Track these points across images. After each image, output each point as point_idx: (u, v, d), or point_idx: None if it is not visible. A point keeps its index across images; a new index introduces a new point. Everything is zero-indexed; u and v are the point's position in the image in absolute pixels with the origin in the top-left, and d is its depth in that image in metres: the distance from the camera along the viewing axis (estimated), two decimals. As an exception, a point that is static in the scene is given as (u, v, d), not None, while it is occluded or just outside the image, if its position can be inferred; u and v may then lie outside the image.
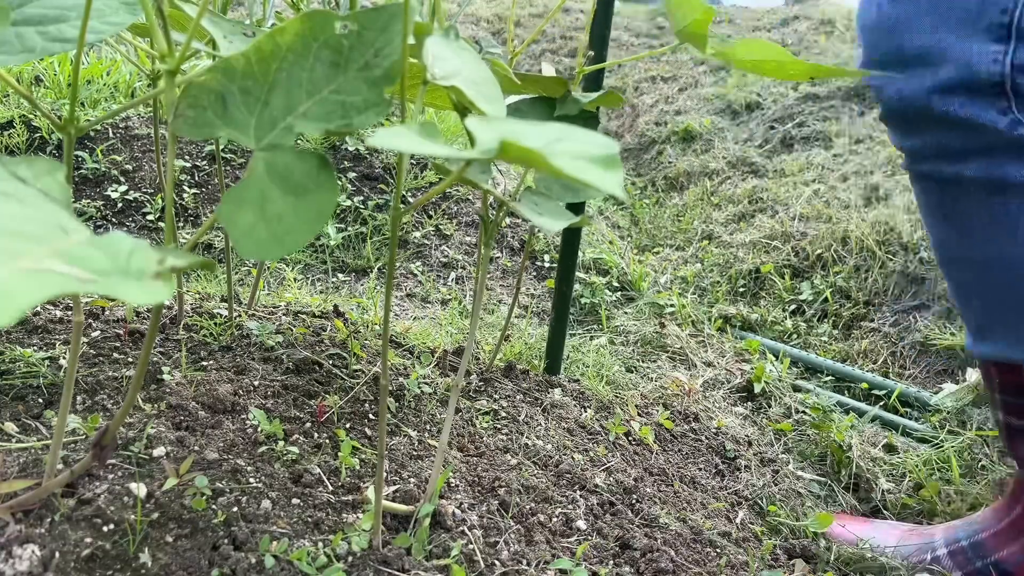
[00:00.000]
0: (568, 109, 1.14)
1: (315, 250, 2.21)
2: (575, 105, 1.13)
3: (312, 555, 0.85)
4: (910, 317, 2.23)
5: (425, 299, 2.09)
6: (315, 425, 1.12)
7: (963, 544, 1.23)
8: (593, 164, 0.52)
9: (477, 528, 0.98)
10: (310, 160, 0.63)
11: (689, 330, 2.17)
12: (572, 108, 1.13)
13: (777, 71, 1.00)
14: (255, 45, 0.67)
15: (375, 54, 0.66)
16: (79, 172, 2.13)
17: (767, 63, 0.99)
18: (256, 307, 1.53)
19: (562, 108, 1.14)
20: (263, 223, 0.60)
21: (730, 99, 4.24)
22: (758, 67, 1.00)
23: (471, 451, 1.19)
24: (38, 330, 1.21)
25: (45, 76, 2.37)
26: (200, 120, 0.67)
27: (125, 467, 0.90)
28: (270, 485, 0.95)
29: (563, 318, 1.55)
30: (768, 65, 0.99)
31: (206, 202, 2.20)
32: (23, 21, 0.73)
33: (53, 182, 0.56)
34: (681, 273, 2.71)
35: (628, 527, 1.10)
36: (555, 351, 1.58)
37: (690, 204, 3.41)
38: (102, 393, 1.05)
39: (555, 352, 1.58)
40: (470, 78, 0.76)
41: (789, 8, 5.66)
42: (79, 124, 0.72)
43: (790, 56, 0.96)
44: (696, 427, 1.59)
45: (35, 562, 0.74)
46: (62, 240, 0.46)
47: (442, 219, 2.43)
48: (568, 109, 1.14)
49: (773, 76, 1.02)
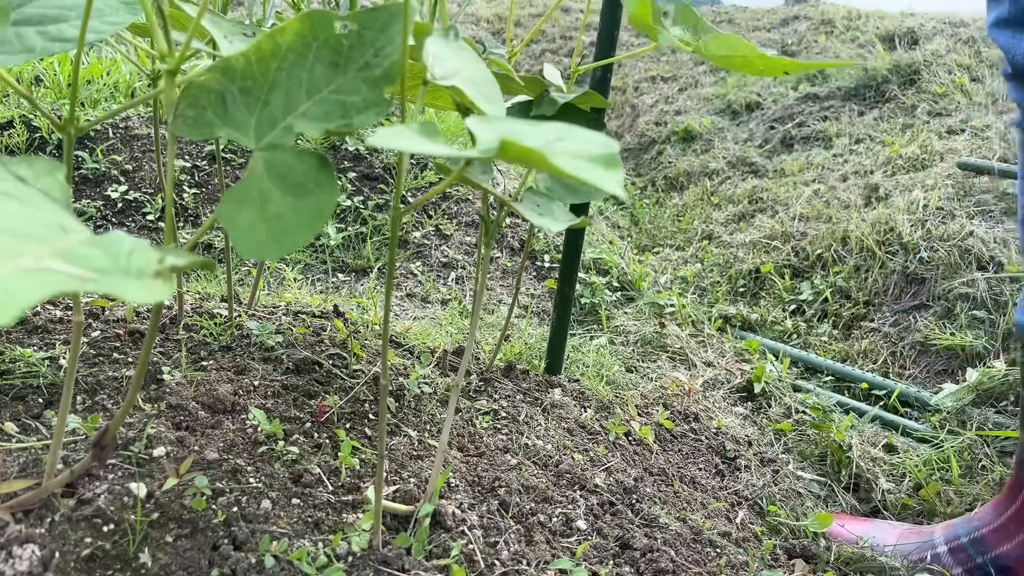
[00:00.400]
0: (544, 110, 1.13)
1: (315, 250, 2.21)
2: (551, 106, 1.13)
3: (312, 555, 0.85)
4: (910, 317, 2.23)
5: (425, 299, 2.09)
6: (315, 425, 1.12)
7: (963, 541, 1.23)
8: (593, 163, 0.52)
9: (477, 528, 0.98)
10: (310, 160, 0.63)
11: (689, 330, 2.17)
12: (548, 109, 1.13)
13: (744, 66, 1.01)
14: (255, 45, 0.67)
15: (375, 54, 0.66)
16: (79, 172, 2.13)
17: (735, 58, 1.00)
18: (256, 307, 1.53)
19: (538, 109, 1.14)
20: (263, 223, 0.60)
21: (730, 99, 4.24)
22: (728, 62, 1.02)
23: (471, 451, 1.19)
24: (38, 330, 1.21)
25: (45, 76, 2.37)
26: (200, 120, 0.67)
27: (125, 467, 0.90)
28: (270, 485, 0.95)
29: (564, 318, 1.55)
30: (736, 60, 1.00)
31: (206, 202, 2.20)
32: (23, 21, 0.73)
33: (53, 182, 0.56)
34: (681, 273, 2.71)
35: (628, 527, 1.10)
36: (556, 351, 1.58)
37: (690, 204, 3.40)
38: (102, 393, 1.05)
39: (556, 352, 1.58)
40: (470, 78, 0.76)
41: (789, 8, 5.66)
42: (79, 124, 0.72)
43: (758, 52, 0.97)
44: (696, 427, 1.59)
45: (35, 562, 0.74)
46: (62, 239, 0.46)
47: (442, 219, 2.43)
48: (544, 110, 1.13)
49: (743, 71, 1.03)
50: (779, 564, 1.20)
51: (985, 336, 2.03)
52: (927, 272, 2.31)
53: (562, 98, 1.14)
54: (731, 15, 5.84)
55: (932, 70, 3.70)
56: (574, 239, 1.49)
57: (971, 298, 2.14)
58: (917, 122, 3.36)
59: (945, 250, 2.31)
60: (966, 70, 3.65)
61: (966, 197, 2.57)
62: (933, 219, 2.47)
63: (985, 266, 2.22)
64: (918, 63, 3.76)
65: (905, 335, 2.18)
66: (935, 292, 2.24)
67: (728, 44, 0.99)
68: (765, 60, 0.98)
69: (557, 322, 1.56)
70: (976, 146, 2.91)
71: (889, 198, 2.76)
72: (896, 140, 3.23)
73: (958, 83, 3.54)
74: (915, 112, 3.44)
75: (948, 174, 2.74)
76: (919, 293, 2.29)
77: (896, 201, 2.67)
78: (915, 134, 3.26)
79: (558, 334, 1.57)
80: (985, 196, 2.54)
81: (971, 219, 2.42)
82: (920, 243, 2.39)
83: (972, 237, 2.31)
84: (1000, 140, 2.90)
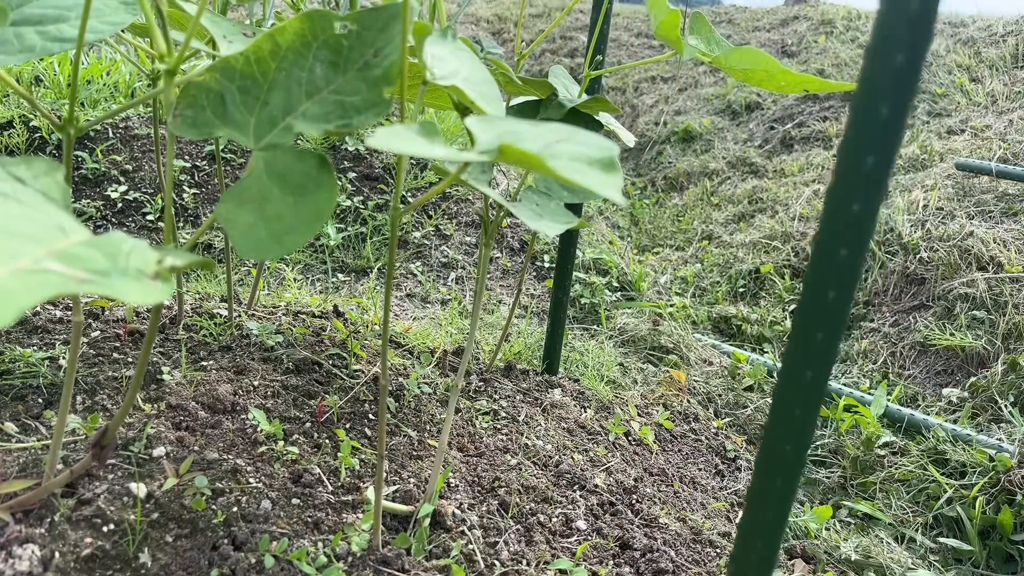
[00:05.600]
0: (551, 113, 1.13)
1: (315, 250, 2.21)
2: (559, 110, 1.13)
3: (312, 555, 0.85)
4: (910, 317, 2.23)
5: (425, 299, 2.09)
6: (315, 425, 1.12)
7: None
8: (591, 167, 0.52)
9: (477, 528, 0.98)
10: (309, 160, 0.63)
11: (688, 330, 2.17)
12: (555, 112, 1.13)
13: (765, 81, 1.00)
14: (254, 45, 0.67)
15: (374, 54, 0.66)
16: (79, 172, 2.13)
17: (756, 72, 0.99)
18: (256, 307, 1.53)
19: (545, 112, 1.14)
20: (262, 223, 0.60)
21: (730, 99, 4.24)
22: (748, 76, 1.01)
23: (471, 451, 1.19)
24: (38, 330, 1.21)
25: (45, 76, 2.37)
26: (199, 120, 0.67)
27: (125, 467, 0.90)
28: (270, 485, 0.95)
29: (560, 322, 1.56)
30: (757, 74, 0.99)
31: (206, 202, 2.20)
32: (22, 21, 0.73)
33: (52, 182, 0.56)
34: (681, 273, 2.71)
35: (628, 527, 1.10)
36: (552, 354, 1.59)
37: (690, 204, 3.41)
38: (102, 393, 1.05)
39: (552, 355, 1.59)
40: (469, 78, 0.76)
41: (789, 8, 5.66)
42: (79, 124, 0.72)
43: (780, 67, 0.96)
44: (696, 427, 1.59)
45: (35, 562, 0.74)
46: (61, 240, 0.46)
47: (442, 219, 2.43)
48: (551, 113, 1.13)
49: (762, 87, 1.02)
50: (779, 564, 1.20)
51: (985, 336, 2.03)
52: (927, 272, 2.31)
53: (570, 102, 1.14)
54: (731, 15, 5.84)
55: (932, 70, 3.70)
56: (568, 243, 1.49)
57: (971, 298, 2.14)
58: (917, 122, 3.36)
59: (945, 250, 2.31)
60: (966, 70, 3.65)
61: (966, 197, 2.57)
62: (933, 219, 2.47)
63: (985, 266, 2.22)
64: (918, 63, 3.76)
65: (905, 335, 2.19)
66: (935, 292, 2.24)
67: (750, 57, 0.97)
68: (787, 76, 0.97)
69: (552, 326, 1.56)
70: (976, 146, 2.91)
71: (889, 198, 2.76)
72: (896, 140, 3.23)
73: (958, 83, 3.54)
74: (915, 112, 3.44)
75: (948, 174, 2.74)
76: (919, 293, 2.30)
77: (896, 201, 2.67)
78: (915, 134, 3.26)
79: (554, 338, 1.58)
80: (985, 196, 2.54)
81: (971, 219, 2.42)
82: (920, 243, 2.39)
83: (972, 237, 2.31)
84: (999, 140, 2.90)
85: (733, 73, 1.01)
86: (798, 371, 0.55)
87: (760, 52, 0.97)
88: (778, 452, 0.57)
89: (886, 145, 0.49)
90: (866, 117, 0.49)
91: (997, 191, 2.55)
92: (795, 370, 0.55)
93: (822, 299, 0.53)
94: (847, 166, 0.51)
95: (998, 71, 3.53)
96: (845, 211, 0.51)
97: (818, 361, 0.54)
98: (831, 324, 0.53)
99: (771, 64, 0.97)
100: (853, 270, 0.52)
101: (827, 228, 0.52)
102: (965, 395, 1.90)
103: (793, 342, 0.55)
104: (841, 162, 0.51)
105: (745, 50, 0.98)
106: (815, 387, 0.55)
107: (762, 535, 0.60)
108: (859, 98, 0.50)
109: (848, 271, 0.52)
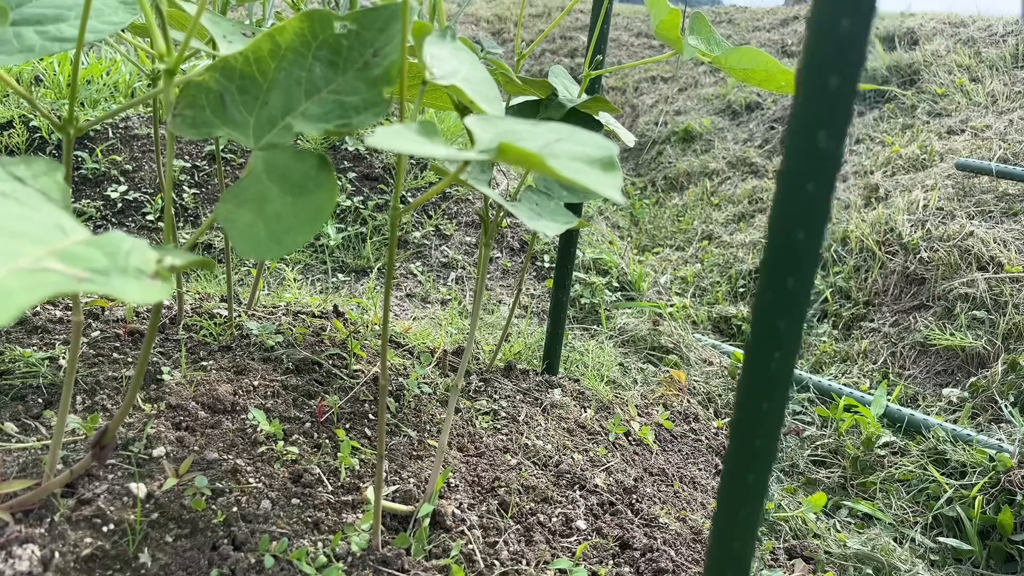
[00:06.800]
0: (551, 113, 1.13)
1: (315, 250, 2.21)
2: (559, 110, 1.13)
3: (312, 555, 0.85)
4: (910, 317, 2.23)
5: (425, 299, 2.09)
6: (315, 425, 1.12)
7: None
8: (591, 166, 0.52)
9: (477, 528, 0.98)
10: (309, 160, 0.63)
11: (688, 330, 2.17)
12: (555, 112, 1.13)
13: (765, 81, 1.00)
14: (254, 44, 0.67)
15: (374, 54, 0.66)
16: (79, 172, 2.13)
17: (756, 72, 0.99)
18: (256, 307, 1.53)
19: (545, 112, 1.14)
20: (262, 222, 0.60)
21: (730, 99, 4.24)
22: (748, 76, 1.00)
23: (471, 451, 1.19)
24: (38, 330, 1.21)
25: (45, 76, 2.37)
26: (199, 119, 0.67)
27: (125, 467, 0.90)
28: (270, 485, 0.95)
29: (560, 322, 1.56)
30: (757, 74, 0.99)
31: (206, 202, 2.20)
32: (22, 21, 0.73)
33: (52, 182, 0.56)
34: (681, 273, 2.71)
35: (628, 527, 1.10)
36: (552, 354, 1.59)
37: (690, 204, 3.41)
38: (102, 393, 1.05)
39: (552, 355, 1.59)
40: (468, 78, 0.76)
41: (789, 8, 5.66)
42: (78, 124, 0.72)
43: (780, 67, 0.96)
44: (696, 427, 1.59)
45: (35, 562, 0.74)
46: (60, 240, 0.46)
47: (442, 219, 2.43)
48: (551, 113, 1.13)
49: (762, 86, 1.02)
50: (779, 564, 1.20)
51: (985, 336, 2.03)
52: (927, 272, 2.31)
53: (570, 102, 1.14)
54: (731, 15, 5.84)
55: (932, 70, 3.70)
56: (568, 242, 1.49)
57: (971, 298, 2.14)
58: (917, 122, 3.36)
59: (945, 250, 2.31)
60: (966, 70, 3.65)
61: (966, 197, 2.57)
62: (933, 219, 2.47)
63: (985, 266, 2.22)
64: (918, 63, 3.76)
65: (905, 335, 2.18)
66: (935, 292, 2.24)
67: (750, 57, 0.97)
68: (787, 76, 0.97)
69: (552, 327, 1.57)
70: (976, 146, 2.91)
71: (889, 198, 2.76)
72: (896, 140, 3.23)
73: (958, 83, 3.54)
74: (915, 112, 3.44)
75: (948, 174, 2.74)
76: (919, 293, 2.29)
77: (896, 201, 2.67)
78: (915, 134, 3.26)
79: (554, 339, 1.58)
80: (985, 196, 2.54)
81: (971, 219, 2.42)
82: (920, 243, 2.39)
83: (972, 237, 2.30)
84: (1000, 140, 2.90)
85: (733, 73, 1.01)
86: (762, 363, 0.53)
87: (760, 52, 0.97)
88: (747, 447, 0.56)
89: (837, 119, 0.48)
90: (814, 92, 0.48)
91: (997, 191, 2.55)
92: (759, 362, 0.53)
93: (781, 286, 0.51)
94: (797, 145, 0.48)
95: (998, 71, 3.53)
96: (800, 192, 0.49)
97: (782, 351, 0.52)
98: (792, 312, 0.51)
99: (771, 64, 0.96)
100: (812, 254, 0.50)
101: (781, 211, 0.50)
102: (965, 395, 1.90)
103: (755, 333, 0.53)
104: (790, 142, 0.49)
105: (745, 50, 0.98)
106: (780, 378, 0.53)
107: (737, 535, 0.58)
108: (806, 71, 0.48)
109: (806, 255, 0.49)
